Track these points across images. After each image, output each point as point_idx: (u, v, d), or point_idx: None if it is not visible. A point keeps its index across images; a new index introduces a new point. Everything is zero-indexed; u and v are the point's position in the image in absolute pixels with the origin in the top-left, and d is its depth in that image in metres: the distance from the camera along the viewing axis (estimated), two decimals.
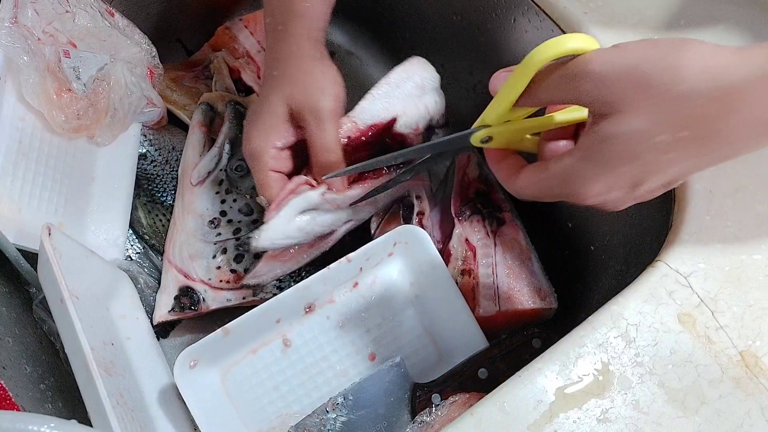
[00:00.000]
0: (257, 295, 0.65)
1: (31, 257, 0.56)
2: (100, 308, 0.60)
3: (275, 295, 0.59)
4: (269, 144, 0.56)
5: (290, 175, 0.58)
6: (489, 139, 0.43)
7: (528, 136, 0.44)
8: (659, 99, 0.36)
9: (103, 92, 0.62)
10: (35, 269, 0.56)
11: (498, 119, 0.42)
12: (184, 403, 0.56)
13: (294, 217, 0.56)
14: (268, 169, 0.57)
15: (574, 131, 0.43)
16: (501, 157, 0.44)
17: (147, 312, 0.66)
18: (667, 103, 0.36)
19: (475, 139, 0.44)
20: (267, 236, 0.55)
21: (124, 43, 0.66)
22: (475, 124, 0.44)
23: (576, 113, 0.42)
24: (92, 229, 0.66)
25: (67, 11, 0.62)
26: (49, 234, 0.53)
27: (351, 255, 0.59)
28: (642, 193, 0.40)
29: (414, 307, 0.63)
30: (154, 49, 0.70)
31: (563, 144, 0.42)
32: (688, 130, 0.36)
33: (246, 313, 0.58)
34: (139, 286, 0.66)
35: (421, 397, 0.58)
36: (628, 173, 0.38)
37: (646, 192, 0.40)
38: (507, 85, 0.40)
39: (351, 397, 0.56)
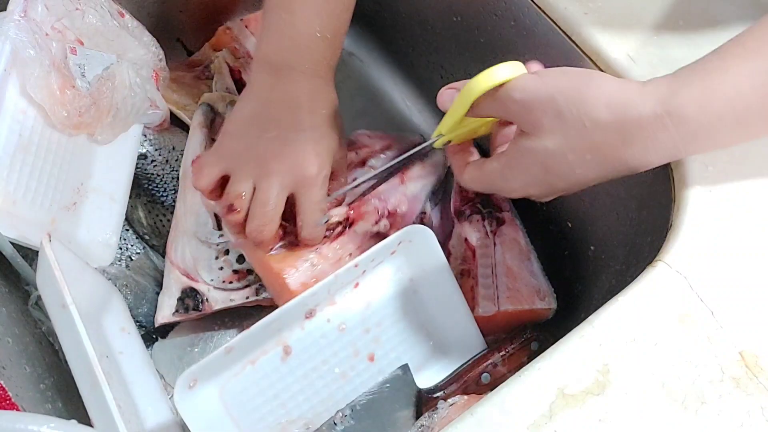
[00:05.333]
0: (260, 294, 0.64)
1: (23, 251, 0.56)
2: (94, 321, 0.59)
3: None
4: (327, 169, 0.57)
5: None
6: (449, 142, 0.53)
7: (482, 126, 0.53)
8: (569, 127, 0.43)
9: (107, 91, 0.62)
10: (30, 265, 0.56)
11: (451, 129, 0.51)
12: (180, 420, 0.55)
13: None
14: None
15: None
16: (457, 150, 0.54)
17: (142, 320, 0.65)
18: (575, 131, 0.43)
19: (438, 144, 0.53)
20: None
21: (131, 44, 0.66)
22: (434, 134, 0.53)
23: None
24: (85, 227, 0.65)
25: (77, 8, 0.63)
26: (50, 240, 0.53)
27: (358, 259, 0.57)
28: (560, 190, 0.48)
29: (413, 305, 0.62)
30: (161, 52, 0.70)
31: (514, 128, 0.49)
32: (591, 154, 0.44)
33: (249, 329, 0.55)
34: (138, 287, 0.66)
35: (427, 404, 0.58)
36: (541, 178, 0.46)
37: (563, 190, 0.48)
38: (454, 107, 0.49)
39: (358, 408, 0.56)
